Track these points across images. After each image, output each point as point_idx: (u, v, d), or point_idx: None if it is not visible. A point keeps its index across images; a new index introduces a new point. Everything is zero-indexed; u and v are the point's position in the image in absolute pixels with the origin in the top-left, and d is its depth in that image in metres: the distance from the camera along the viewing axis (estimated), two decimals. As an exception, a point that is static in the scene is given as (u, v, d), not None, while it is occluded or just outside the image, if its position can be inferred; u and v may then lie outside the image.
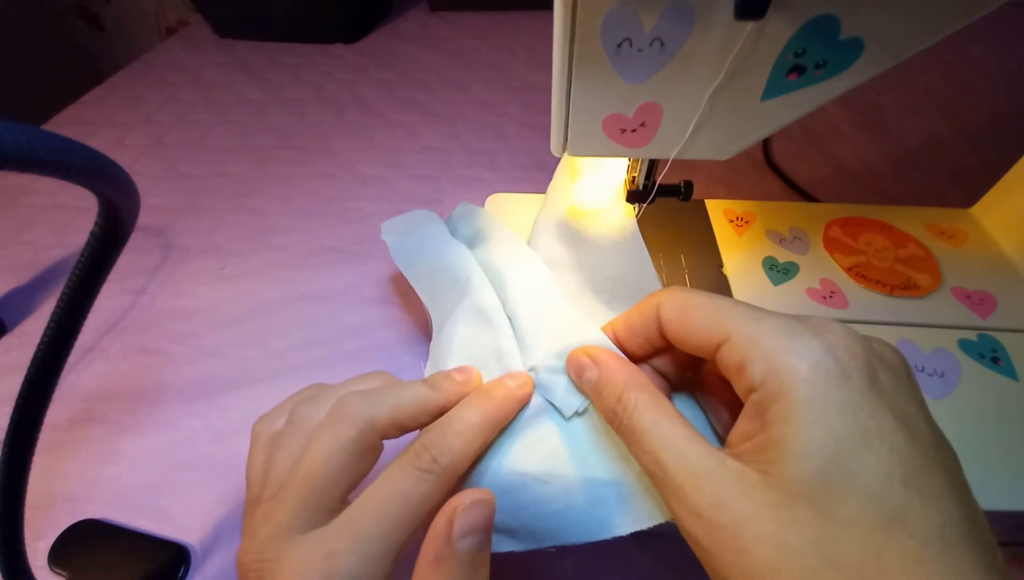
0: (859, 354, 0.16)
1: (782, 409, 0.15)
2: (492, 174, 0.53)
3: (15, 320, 0.42)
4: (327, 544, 0.17)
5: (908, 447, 0.14)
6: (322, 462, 0.18)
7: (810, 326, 0.16)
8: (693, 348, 0.19)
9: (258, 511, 0.19)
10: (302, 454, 0.19)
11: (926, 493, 0.14)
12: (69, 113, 0.65)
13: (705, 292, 0.19)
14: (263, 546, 0.18)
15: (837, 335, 0.16)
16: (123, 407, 0.36)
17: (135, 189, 0.18)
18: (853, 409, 0.15)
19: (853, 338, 0.16)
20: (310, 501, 0.18)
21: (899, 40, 0.20)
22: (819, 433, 0.14)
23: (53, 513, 0.31)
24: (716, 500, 0.15)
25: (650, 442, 0.17)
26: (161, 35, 1.08)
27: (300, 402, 0.21)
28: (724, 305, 0.18)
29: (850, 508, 0.14)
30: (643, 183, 0.29)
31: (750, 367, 0.16)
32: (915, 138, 0.54)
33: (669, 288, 0.20)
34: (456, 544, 0.17)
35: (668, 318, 0.19)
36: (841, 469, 0.14)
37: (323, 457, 0.19)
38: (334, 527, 0.18)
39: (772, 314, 0.17)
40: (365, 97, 0.65)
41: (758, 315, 0.17)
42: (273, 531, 0.18)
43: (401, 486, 0.18)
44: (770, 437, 0.15)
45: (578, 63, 0.22)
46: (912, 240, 0.35)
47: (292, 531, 0.18)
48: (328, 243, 0.46)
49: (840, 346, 0.16)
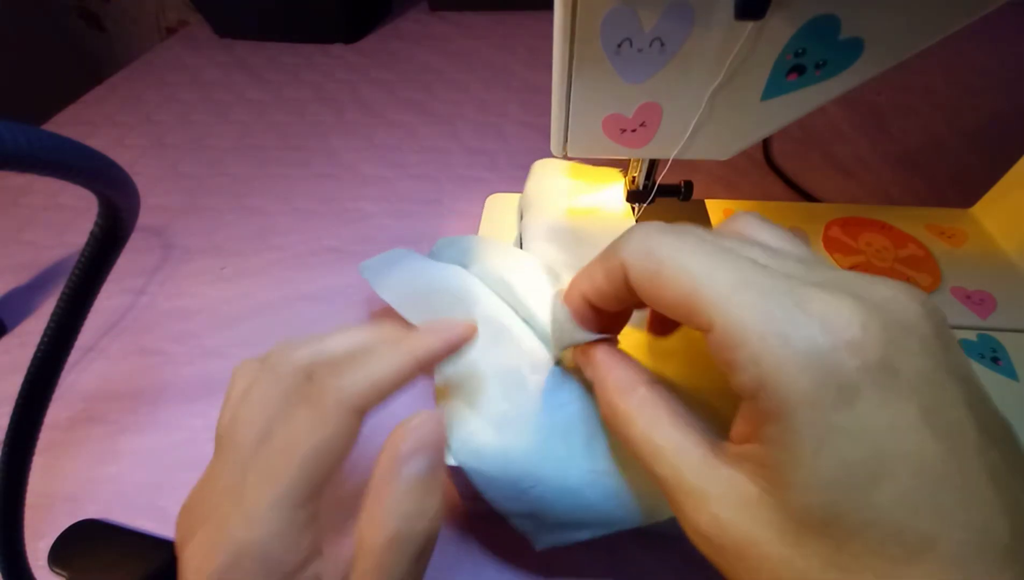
0: (873, 344, 0.12)
1: (780, 434, 0.13)
2: (492, 174, 0.53)
3: (15, 320, 0.42)
4: (230, 522, 0.16)
5: (938, 456, 0.12)
6: (296, 456, 0.17)
7: (812, 300, 0.13)
8: (679, 321, 0.17)
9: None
10: (269, 430, 0.17)
11: (959, 509, 0.12)
12: (69, 113, 0.65)
13: (680, 241, 0.15)
14: (199, 501, 0.17)
15: (844, 316, 0.13)
16: (123, 407, 0.36)
17: (135, 189, 0.18)
18: (866, 431, 0.12)
19: (867, 315, 0.13)
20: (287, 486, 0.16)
21: (899, 40, 0.20)
22: (825, 464, 0.12)
23: (53, 513, 0.31)
24: (714, 519, 0.14)
25: (644, 453, 0.16)
26: (161, 35, 1.08)
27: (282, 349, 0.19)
28: (703, 273, 0.14)
29: (867, 541, 0.12)
30: (643, 183, 0.29)
31: (739, 373, 0.13)
32: (915, 138, 0.54)
33: (634, 235, 0.16)
34: (404, 467, 0.16)
35: (639, 287, 0.16)
36: (853, 502, 0.12)
37: (296, 450, 0.17)
38: (238, 498, 0.16)
39: (769, 280, 0.14)
40: (365, 97, 0.65)
41: (748, 285, 0.14)
42: (215, 483, 0.17)
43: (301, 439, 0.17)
44: (769, 456, 0.13)
45: (578, 63, 0.22)
46: (912, 240, 0.35)
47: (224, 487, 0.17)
48: (328, 243, 0.46)
49: (848, 334, 0.12)
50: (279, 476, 0.16)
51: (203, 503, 0.17)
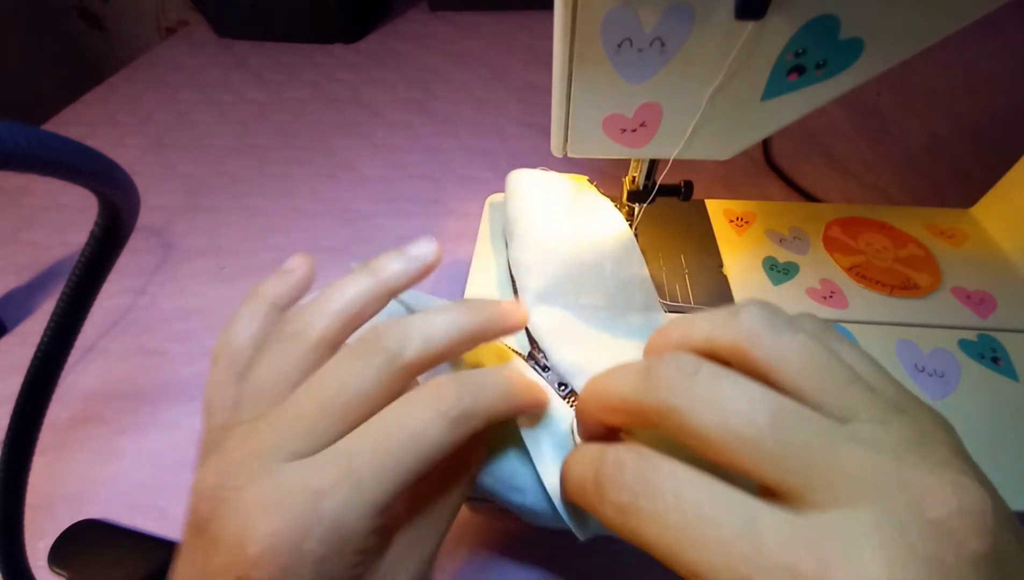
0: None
1: None
2: (492, 174, 0.53)
3: (15, 320, 0.42)
4: (314, 478, 0.14)
5: None
6: (338, 385, 0.16)
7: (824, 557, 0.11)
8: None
9: (232, 434, 0.16)
10: (305, 371, 0.16)
11: None
12: (69, 113, 0.65)
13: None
14: (231, 469, 0.14)
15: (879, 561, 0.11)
16: (123, 407, 0.36)
17: (135, 189, 0.18)
18: None
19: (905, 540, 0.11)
20: (317, 425, 0.15)
21: (899, 40, 0.20)
22: None
23: (53, 513, 0.31)
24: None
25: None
26: (161, 35, 1.08)
27: (295, 312, 0.18)
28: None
29: None
30: (643, 183, 0.29)
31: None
32: (915, 138, 0.54)
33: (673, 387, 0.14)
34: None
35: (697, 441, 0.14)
36: None
37: (339, 379, 0.16)
38: (324, 459, 0.14)
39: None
40: (365, 97, 0.65)
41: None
42: (250, 452, 0.15)
43: (412, 423, 0.15)
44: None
45: (578, 63, 0.22)
46: (912, 240, 0.35)
47: (273, 456, 0.14)
48: (328, 243, 0.46)
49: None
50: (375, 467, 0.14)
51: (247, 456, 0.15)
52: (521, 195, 0.31)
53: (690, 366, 0.14)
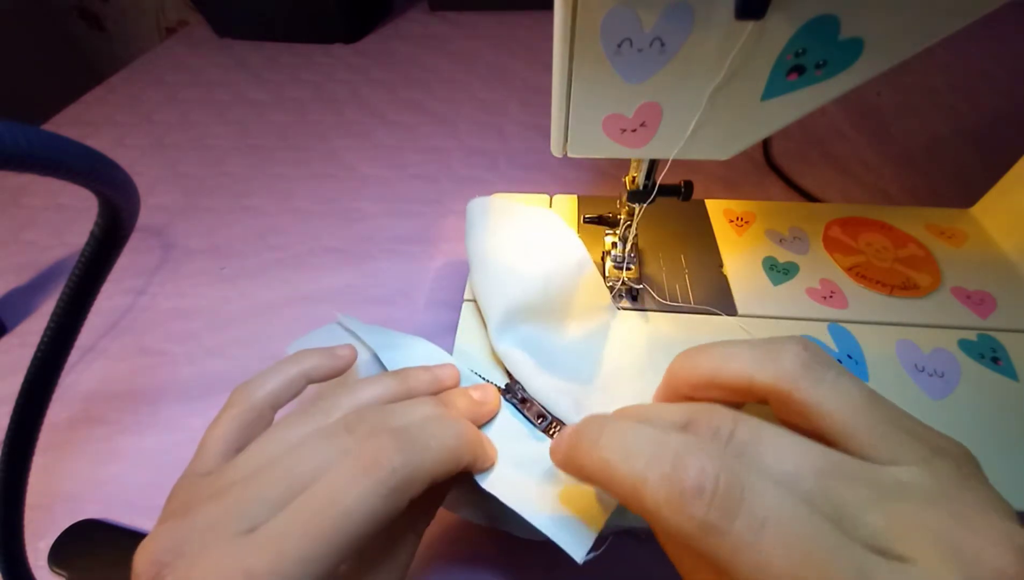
0: None
1: None
2: (492, 174, 0.53)
3: (15, 320, 0.42)
4: (249, 559, 0.14)
5: None
6: (296, 459, 0.17)
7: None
8: None
9: (204, 486, 0.17)
10: (306, 475, 0.16)
11: None
12: (69, 113, 0.65)
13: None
14: (189, 534, 0.15)
15: None
16: (123, 407, 0.36)
17: (135, 189, 0.18)
18: None
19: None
20: (267, 497, 0.16)
21: (899, 40, 0.20)
22: None
23: (53, 513, 0.31)
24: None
25: None
26: (161, 35, 1.08)
27: (324, 395, 0.19)
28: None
29: None
30: (643, 183, 0.29)
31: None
32: (915, 138, 0.54)
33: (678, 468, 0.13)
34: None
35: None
36: None
37: (301, 456, 0.17)
38: (258, 539, 0.15)
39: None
40: (365, 97, 0.65)
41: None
42: (210, 520, 0.16)
43: (345, 501, 0.15)
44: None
45: (578, 63, 0.22)
46: (912, 240, 0.35)
47: (228, 528, 0.15)
48: (328, 243, 0.46)
49: None
50: (318, 530, 0.15)
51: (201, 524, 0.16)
52: (478, 225, 0.31)
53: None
